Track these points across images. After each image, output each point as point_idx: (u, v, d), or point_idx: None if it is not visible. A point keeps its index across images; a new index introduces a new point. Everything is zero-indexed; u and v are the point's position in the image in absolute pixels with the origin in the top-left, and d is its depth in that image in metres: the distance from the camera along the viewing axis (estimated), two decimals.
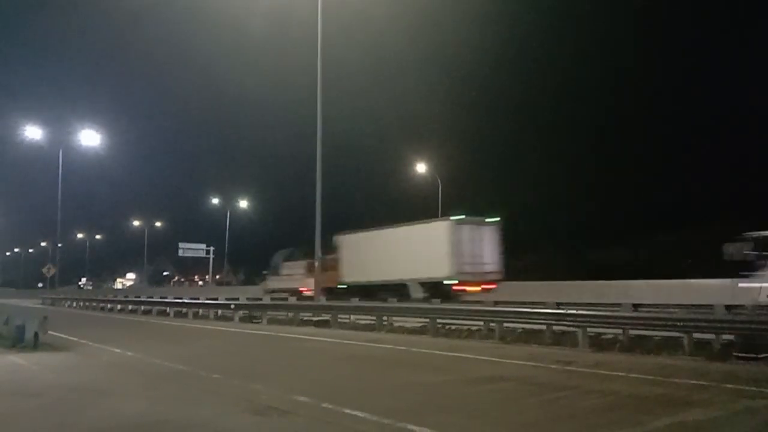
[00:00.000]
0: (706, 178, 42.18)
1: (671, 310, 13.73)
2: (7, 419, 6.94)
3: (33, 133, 41.90)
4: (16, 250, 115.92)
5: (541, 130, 54.93)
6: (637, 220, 42.58)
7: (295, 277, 31.93)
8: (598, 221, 43.94)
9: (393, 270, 24.14)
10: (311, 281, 26.98)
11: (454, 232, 23.07)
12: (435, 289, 22.20)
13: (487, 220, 24.37)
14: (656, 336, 12.38)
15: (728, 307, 12.45)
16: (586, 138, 49.64)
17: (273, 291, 31.77)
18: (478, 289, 22.62)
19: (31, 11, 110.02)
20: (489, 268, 23.28)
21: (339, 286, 26.64)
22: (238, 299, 29.89)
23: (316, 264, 24.42)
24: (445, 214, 40.57)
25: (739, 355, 10.50)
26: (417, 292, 22.21)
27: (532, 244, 43.22)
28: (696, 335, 11.46)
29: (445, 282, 22.50)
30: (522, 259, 40.57)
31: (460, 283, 22.45)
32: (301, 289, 30.05)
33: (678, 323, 11.84)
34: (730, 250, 17.08)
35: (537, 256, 40.30)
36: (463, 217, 24.04)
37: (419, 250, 23.49)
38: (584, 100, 51.32)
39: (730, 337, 11.10)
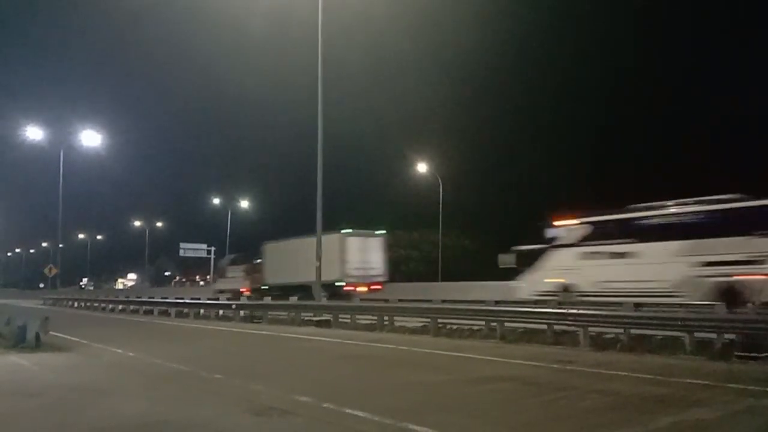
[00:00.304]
0: (706, 178, 42.15)
1: (673, 309, 13.72)
2: (8, 419, 6.94)
3: (34, 133, 41.93)
4: (17, 250, 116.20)
5: (541, 130, 54.94)
6: None
7: (237, 279, 35.16)
8: None
9: (300, 273, 27.38)
10: (248, 282, 32.17)
11: (342, 243, 27.35)
12: (330, 289, 25.72)
13: (376, 232, 28.72)
14: (657, 335, 12.37)
15: (729, 307, 12.43)
16: (586, 138, 49.62)
17: (221, 291, 35.12)
18: (365, 289, 26.93)
19: (32, 11, 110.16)
20: (374, 272, 27.76)
21: (262, 287, 30.83)
22: (239, 299, 29.93)
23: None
24: (446, 213, 40.69)
25: (741, 354, 10.49)
26: (317, 292, 24.86)
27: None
28: (697, 334, 11.45)
29: (337, 283, 26.49)
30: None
31: (349, 285, 26.67)
32: (241, 289, 32.97)
33: (679, 322, 11.83)
34: (503, 259, 22.63)
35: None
36: (351, 230, 28.16)
37: (328, 255, 26.00)
38: (584, 100, 51.33)
39: (732, 336, 11.09)
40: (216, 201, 64.34)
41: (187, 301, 31.90)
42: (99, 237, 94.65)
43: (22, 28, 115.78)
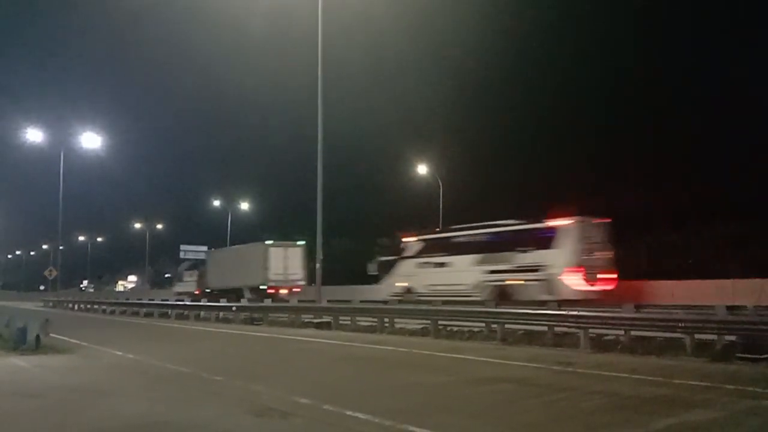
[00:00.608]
0: (708, 179, 42.16)
1: (673, 310, 13.72)
2: (8, 420, 6.95)
3: (34, 135, 41.92)
4: (17, 252, 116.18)
5: (541, 130, 54.94)
6: (637, 221, 42.55)
7: (192, 282, 39.26)
8: None
9: (234, 278, 32.79)
10: (199, 286, 37.53)
11: (265, 252, 31.24)
12: (255, 291, 30.15)
13: (297, 243, 32.49)
14: (658, 337, 12.36)
15: (729, 308, 12.44)
16: (586, 138, 49.62)
17: (179, 293, 39.09)
18: (286, 291, 30.78)
19: (31, 12, 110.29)
20: (294, 277, 31.57)
21: (206, 290, 35.58)
22: (239, 301, 29.94)
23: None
24: (446, 214, 40.65)
25: (741, 355, 10.49)
26: (247, 294, 29.68)
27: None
28: (698, 336, 11.45)
29: (261, 287, 30.33)
30: None
31: (271, 288, 30.28)
32: (195, 291, 37.68)
33: (680, 324, 11.83)
34: (370, 267, 29.69)
35: None
36: (273, 242, 32.25)
37: (247, 264, 32.30)
38: (584, 100, 51.31)
39: (732, 337, 11.09)
40: (216, 202, 64.31)
41: (187, 303, 31.91)
42: (99, 239, 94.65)
43: (21, 29, 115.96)
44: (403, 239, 27.08)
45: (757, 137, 39.87)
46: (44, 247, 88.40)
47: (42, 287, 73.46)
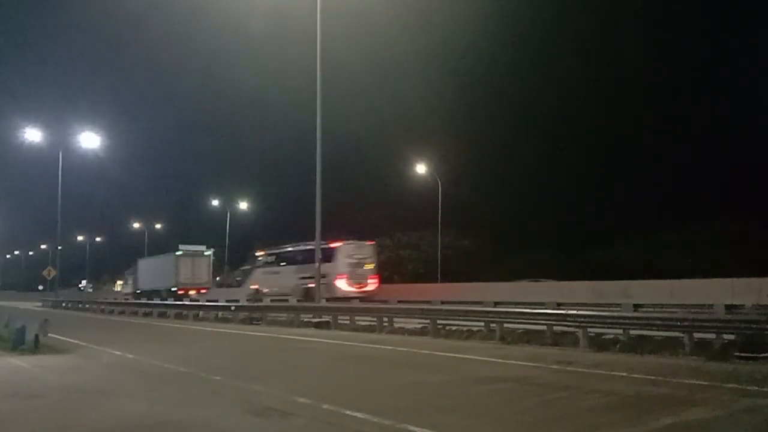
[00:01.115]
0: (708, 177, 42.22)
1: (672, 309, 13.73)
2: (8, 420, 6.94)
3: (32, 135, 41.85)
4: (16, 252, 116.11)
5: (540, 129, 54.97)
6: (637, 220, 42.58)
7: (130, 285, 47.62)
8: (599, 220, 43.96)
9: (155, 282, 40.15)
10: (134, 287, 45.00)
11: (176, 260, 38.62)
12: (168, 293, 37.11)
13: (205, 252, 40.68)
14: (657, 336, 12.38)
15: (728, 307, 12.46)
16: (585, 136, 49.64)
17: (124, 294, 47.26)
18: (194, 292, 37.88)
19: (31, 12, 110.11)
20: (201, 280, 39.08)
21: (137, 291, 43.25)
22: (238, 301, 29.92)
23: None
24: (445, 213, 40.68)
25: (740, 354, 10.50)
26: (164, 294, 36.54)
27: (532, 244, 43.25)
28: (697, 335, 11.47)
29: (172, 288, 37.62)
30: (520, 259, 40.71)
31: (180, 289, 37.62)
32: (130, 292, 45.65)
33: (678, 323, 11.84)
34: (236, 273, 39.61)
35: (537, 256, 40.31)
36: (182, 252, 39.50)
37: (163, 270, 39.49)
38: (583, 99, 51.33)
39: (731, 336, 11.10)
40: (215, 202, 64.30)
41: (186, 303, 31.91)
42: (98, 239, 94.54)
43: (21, 29, 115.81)
44: (255, 254, 35.86)
45: (759, 135, 39.88)
46: (43, 246, 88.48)
47: (41, 287, 73.38)
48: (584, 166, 49.02)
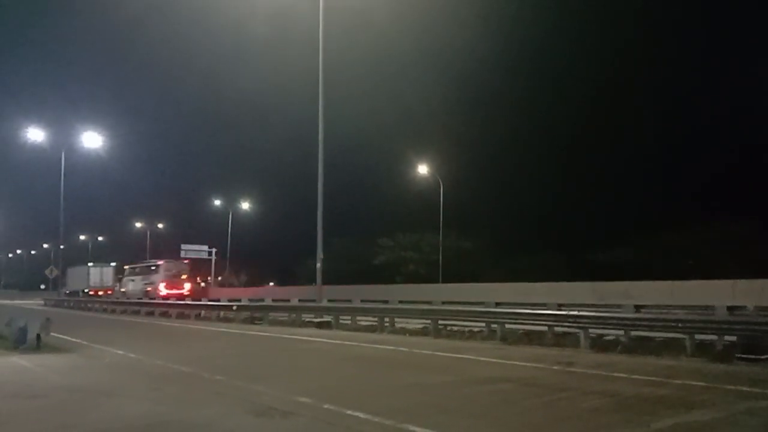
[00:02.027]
0: (708, 179, 42.14)
1: (673, 311, 13.74)
2: (10, 420, 6.96)
3: (35, 135, 41.95)
4: (18, 251, 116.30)
5: (541, 130, 54.96)
6: (638, 221, 42.56)
7: (85, 282, 57.54)
8: (600, 222, 43.95)
9: (77, 284, 55.41)
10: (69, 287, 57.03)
11: (87, 270, 54.88)
12: (85, 293, 51.62)
13: (111, 264, 57.97)
14: (658, 337, 12.39)
15: (730, 308, 12.45)
16: (587, 138, 49.61)
17: (69, 292, 55.45)
18: (102, 292, 52.35)
19: (34, 13, 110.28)
20: (106, 284, 54.16)
21: (67, 292, 54.48)
22: (240, 300, 29.95)
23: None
24: (446, 215, 40.68)
25: (742, 356, 10.50)
26: (81, 294, 51.19)
27: (534, 245, 43.24)
28: (698, 336, 11.47)
29: (84, 290, 52.85)
30: (521, 260, 40.68)
31: (91, 290, 52.53)
32: (66, 291, 55.29)
33: (680, 324, 11.85)
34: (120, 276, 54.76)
35: (538, 256, 40.31)
36: (93, 264, 56.62)
37: (80, 276, 55.43)
38: (585, 100, 51.32)
39: (733, 338, 11.10)
40: (217, 202, 64.34)
41: (188, 302, 31.95)
42: (100, 238, 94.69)
43: (24, 30, 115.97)
44: (124, 267, 53.95)
45: (759, 137, 39.82)
46: (45, 246, 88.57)
47: (43, 286, 73.51)
48: (585, 167, 49.06)
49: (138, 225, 79.94)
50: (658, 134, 48.62)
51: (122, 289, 49.69)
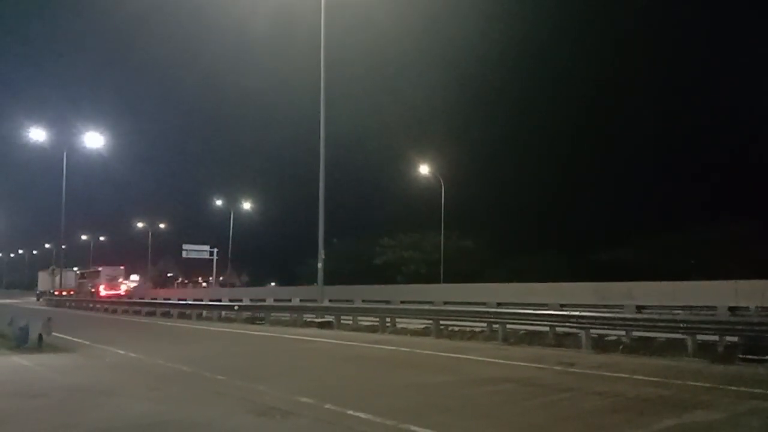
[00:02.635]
0: (710, 178, 42.07)
1: (675, 311, 13.72)
2: (11, 419, 6.96)
3: (37, 134, 41.93)
4: (20, 251, 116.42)
5: (542, 129, 54.90)
6: (640, 221, 42.52)
7: (50, 284, 61.95)
8: (602, 221, 43.89)
9: (45, 285, 59.74)
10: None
11: (53, 273, 54.28)
12: (47, 294, 55.01)
13: (73, 268, 62.18)
14: (660, 337, 12.37)
15: (731, 309, 12.45)
16: (588, 137, 49.58)
17: (39, 292, 63.66)
18: (65, 292, 53.55)
19: (36, 12, 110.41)
20: (68, 286, 55.93)
21: (36, 292, 63.95)
22: (241, 301, 29.98)
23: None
24: (447, 215, 40.66)
25: (744, 356, 10.49)
26: (48, 294, 54.77)
27: (535, 245, 43.21)
28: (700, 337, 11.44)
29: (50, 291, 54.70)
30: (523, 260, 40.66)
31: (57, 291, 52.66)
32: (38, 292, 65.04)
33: (681, 325, 11.83)
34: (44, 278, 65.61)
35: (540, 257, 40.26)
36: (54, 267, 55.17)
37: (47, 278, 57.24)
38: (586, 100, 51.27)
39: (735, 338, 11.08)
40: (218, 202, 64.33)
41: (190, 302, 31.98)
42: (102, 238, 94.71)
43: (25, 29, 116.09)
44: (77, 271, 61.98)
45: (760, 137, 39.75)
46: (47, 246, 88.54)
47: None
48: (587, 166, 49.00)
49: (139, 225, 79.95)
50: (659, 134, 48.56)
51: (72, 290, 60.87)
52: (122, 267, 59.62)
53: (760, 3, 47.48)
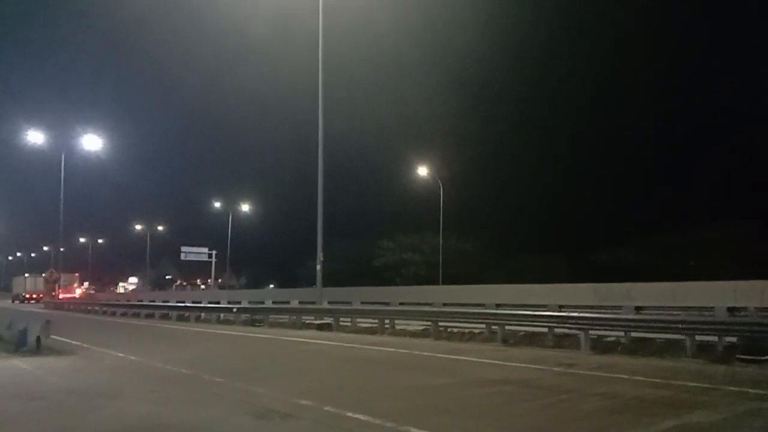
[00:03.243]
0: (710, 179, 42.10)
1: (674, 312, 13.73)
2: (11, 421, 6.95)
3: (35, 137, 41.94)
4: (18, 254, 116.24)
5: (541, 131, 54.93)
6: (640, 221, 42.55)
7: (22, 288, 73.24)
8: (601, 222, 43.93)
9: (18, 289, 72.48)
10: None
11: (25, 278, 72.69)
12: (19, 296, 69.56)
13: (42, 274, 63.43)
14: (659, 338, 12.37)
15: (730, 309, 12.45)
16: (588, 138, 49.62)
17: (13, 295, 72.81)
18: (36, 296, 64.23)
19: (35, 15, 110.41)
20: (38, 290, 64.61)
21: (13, 295, 72.24)
22: (240, 303, 29.96)
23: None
24: (446, 217, 40.68)
25: (742, 357, 10.49)
26: (20, 297, 68.69)
27: (535, 246, 43.22)
28: (699, 337, 11.45)
29: (22, 294, 68.83)
30: (522, 261, 40.67)
31: (27, 293, 67.26)
32: (14, 294, 74.19)
33: (680, 325, 11.83)
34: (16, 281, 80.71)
35: (539, 257, 40.28)
36: (29, 275, 72.97)
37: (20, 283, 73.69)
38: (586, 101, 51.31)
39: (733, 339, 11.09)
40: (217, 205, 64.31)
41: (188, 304, 31.95)
42: (100, 241, 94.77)
43: (24, 32, 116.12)
44: (42, 275, 64.82)
45: (760, 138, 39.78)
46: (45, 248, 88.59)
47: None
48: (586, 168, 49.03)
49: (138, 227, 79.92)
50: (659, 134, 48.61)
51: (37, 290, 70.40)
52: (77, 274, 73.20)
53: (761, 2, 47.54)
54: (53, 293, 57.37)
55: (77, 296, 62.03)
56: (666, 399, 7.73)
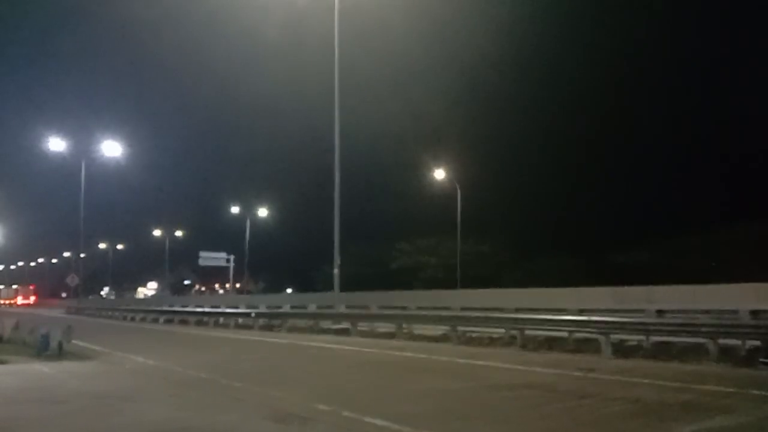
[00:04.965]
0: (731, 179, 41.50)
1: (695, 315, 13.55)
2: (35, 425, 7.05)
3: (56, 144, 42.51)
4: (40, 260, 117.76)
5: (558, 133, 54.55)
6: (659, 223, 42.08)
7: (7, 294, 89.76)
8: (619, 223, 43.51)
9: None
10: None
11: (9, 288, 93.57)
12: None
13: (14, 286, 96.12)
14: (681, 342, 12.21)
15: (753, 312, 12.26)
16: (604, 139, 49.16)
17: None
18: (6, 302, 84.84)
19: (54, 24, 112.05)
20: (10, 297, 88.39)
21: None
22: (257, 307, 30.10)
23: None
24: (464, 218, 40.56)
25: (765, 360, 10.32)
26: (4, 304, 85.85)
27: (552, 248, 42.92)
28: (721, 341, 11.29)
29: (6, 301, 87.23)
30: (540, 264, 40.41)
31: (1, 300, 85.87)
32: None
33: (702, 329, 11.67)
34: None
35: (557, 259, 39.99)
36: (2, 287, 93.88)
37: (4, 292, 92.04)
38: (602, 102, 50.86)
39: (756, 342, 10.92)
40: (235, 209, 64.59)
41: (207, 309, 32.16)
42: (120, 246, 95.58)
43: (42, 41, 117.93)
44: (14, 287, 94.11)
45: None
46: (66, 254, 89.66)
47: (64, 294, 74.52)
48: (602, 168, 48.56)
49: (157, 233, 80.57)
50: (677, 133, 48.03)
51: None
52: (32, 287, 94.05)
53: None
54: (15, 300, 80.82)
55: (31, 303, 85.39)
56: (688, 403, 7.63)
